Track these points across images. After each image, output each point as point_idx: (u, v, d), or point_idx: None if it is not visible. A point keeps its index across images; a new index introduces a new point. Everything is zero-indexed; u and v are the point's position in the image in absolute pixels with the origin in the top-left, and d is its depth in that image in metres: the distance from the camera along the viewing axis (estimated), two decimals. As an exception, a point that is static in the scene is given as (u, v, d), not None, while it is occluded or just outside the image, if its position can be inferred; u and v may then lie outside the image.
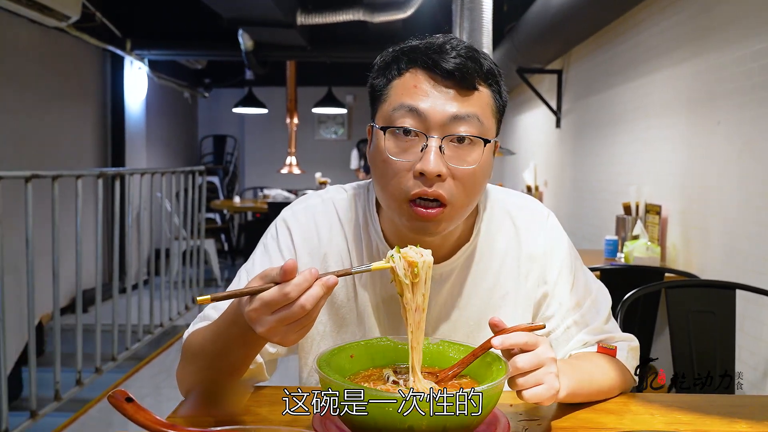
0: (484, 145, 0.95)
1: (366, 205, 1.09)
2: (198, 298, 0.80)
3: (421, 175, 0.93)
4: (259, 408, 0.98)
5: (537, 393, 0.85)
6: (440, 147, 0.92)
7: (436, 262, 1.05)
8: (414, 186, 0.93)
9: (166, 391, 3.83)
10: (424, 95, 0.94)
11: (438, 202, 0.94)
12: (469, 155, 0.94)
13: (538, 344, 0.87)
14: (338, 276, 0.81)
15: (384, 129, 0.95)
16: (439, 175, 0.92)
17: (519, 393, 0.86)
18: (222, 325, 0.91)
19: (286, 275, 0.77)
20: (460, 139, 0.94)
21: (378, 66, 1.01)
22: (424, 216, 0.94)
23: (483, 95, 0.96)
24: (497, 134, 1.00)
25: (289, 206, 1.12)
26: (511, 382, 0.86)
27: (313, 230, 1.08)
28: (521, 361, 0.86)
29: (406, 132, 0.94)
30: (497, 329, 0.89)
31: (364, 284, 1.07)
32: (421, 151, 0.92)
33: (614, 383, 1.05)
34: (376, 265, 0.86)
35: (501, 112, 1.01)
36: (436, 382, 0.90)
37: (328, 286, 0.78)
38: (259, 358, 1.03)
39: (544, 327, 0.92)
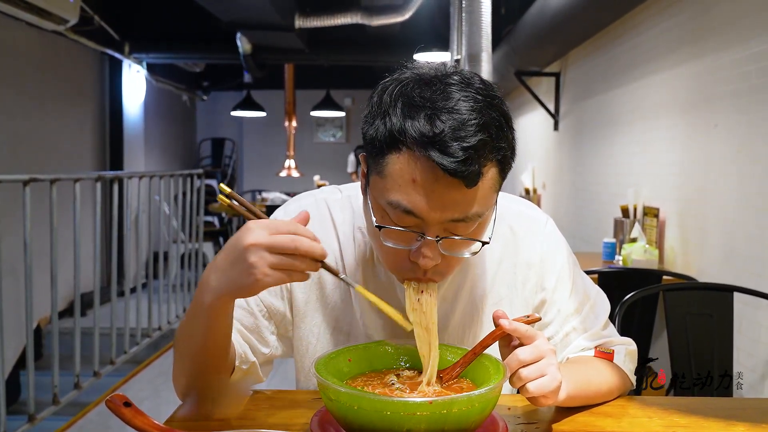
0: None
1: (352, 213, 1.08)
2: (221, 186, 0.85)
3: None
4: (257, 411, 0.98)
5: (541, 384, 0.85)
6: (437, 239, 0.87)
7: None
8: (408, 270, 0.91)
9: (165, 394, 3.83)
10: (422, 195, 0.84)
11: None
12: (466, 248, 0.91)
13: (536, 337, 0.88)
14: (327, 269, 0.83)
15: (379, 227, 0.89)
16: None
17: (523, 388, 0.86)
18: (191, 305, 0.91)
19: (299, 219, 0.83)
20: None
21: (373, 113, 0.88)
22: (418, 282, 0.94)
23: (488, 177, 0.86)
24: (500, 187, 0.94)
25: (282, 206, 1.11)
26: (514, 376, 0.86)
27: None
28: (523, 353, 0.86)
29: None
30: (500, 320, 0.89)
31: (349, 278, 1.06)
32: (417, 240, 0.88)
33: (612, 386, 1.05)
34: (360, 288, 0.87)
35: (508, 171, 0.91)
36: (440, 382, 0.90)
37: (321, 253, 0.80)
38: (251, 357, 1.02)
39: (540, 319, 0.91)
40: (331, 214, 1.08)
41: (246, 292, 0.81)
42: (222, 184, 0.84)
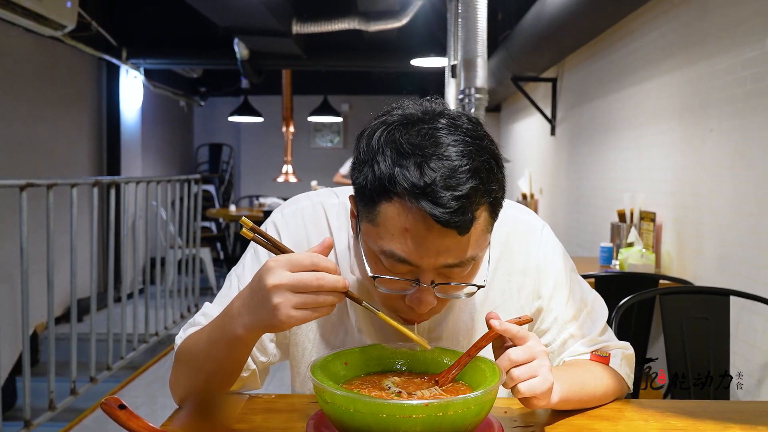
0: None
1: (348, 222, 1.08)
2: (244, 220, 0.84)
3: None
4: (254, 416, 0.98)
5: (533, 385, 0.85)
6: (433, 285, 0.87)
7: None
8: (404, 311, 0.92)
9: (162, 400, 3.82)
10: (415, 244, 0.83)
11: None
12: (460, 290, 0.92)
13: (528, 338, 0.88)
14: (351, 298, 0.85)
15: (374, 277, 0.89)
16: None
17: (514, 388, 0.86)
18: (214, 328, 0.92)
19: (322, 248, 0.83)
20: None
21: (361, 160, 0.86)
22: (413, 323, 0.95)
23: (480, 221, 0.85)
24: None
25: (278, 209, 1.10)
26: (507, 379, 0.86)
27: (303, 234, 1.06)
28: (514, 353, 0.86)
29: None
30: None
31: (354, 291, 1.06)
32: (412, 287, 0.88)
33: (607, 390, 1.04)
34: (382, 314, 0.88)
35: (499, 211, 0.90)
36: (437, 384, 0.90)
37: (344, 285, 0.81)
38: (252, 365, 1.03)
39: (532, 320, 0.92)
40: (328, 219, 1.07)
41: (276, 329, 0.83)
42: (245, 218, 0.84)
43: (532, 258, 1.08)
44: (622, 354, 1.11)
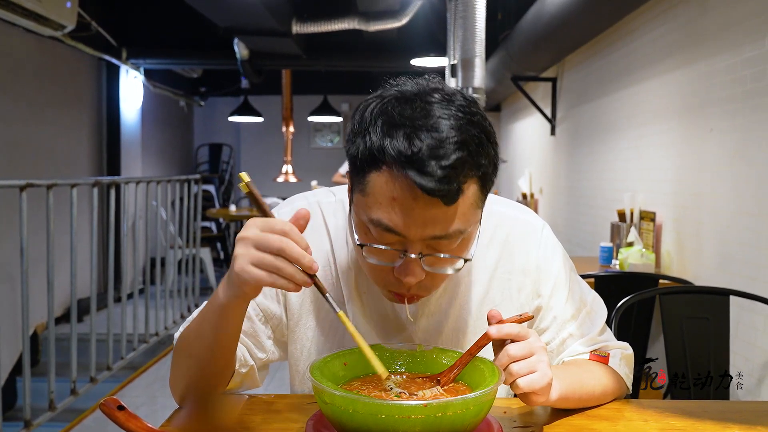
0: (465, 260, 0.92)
1: (348, 213, 1.09)
2: (242, 174, 0.83)
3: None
4: (253, 416, 0.98)
5: (531, 380, 0.85)
6: (420, 256, 0.87)
7: None
8: (393, 284, 0.92)
9: (162, 400, 3.82)
10: (402, 213, 0.84)
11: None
12: (449, 265, 0.91)
13: (528, 335, 0.88)
14: (317, 285, 0.83)
15: (362, 245, 0.90)
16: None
17: (513, 384, 0.86)
18: (205, 306, 0.94)
19: (296, 218, 0.83)
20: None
21: (354, 131, 0.88)
22: (403, 301, 0.95)
23: (468, 195, 0.85)
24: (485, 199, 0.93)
25: (275, 209, 1.10)
26: (504, 372, 0.86)
27: None
28: (513, 348, 0.86)
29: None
30: (494, 321, 0.89)
31: (350, 291, 1.06)
32: (400, 258, 0.88)
33: (606, 389, 1.05)
34: (342, 314, 0.85)
35: (490, 187, 0.91)
36: (439, 384, 0.90)
37: (308, 263, 0.80)
38: (250, 361, 1.04)
39: (533, 317, 0.91)
40: (324, 218, 1.08)
41: (235, 288, 0.82)
42: (243, 173, 0.84)
43: (532, 257, 1.08)
44: (621, 354, 1.11)
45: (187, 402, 1.00)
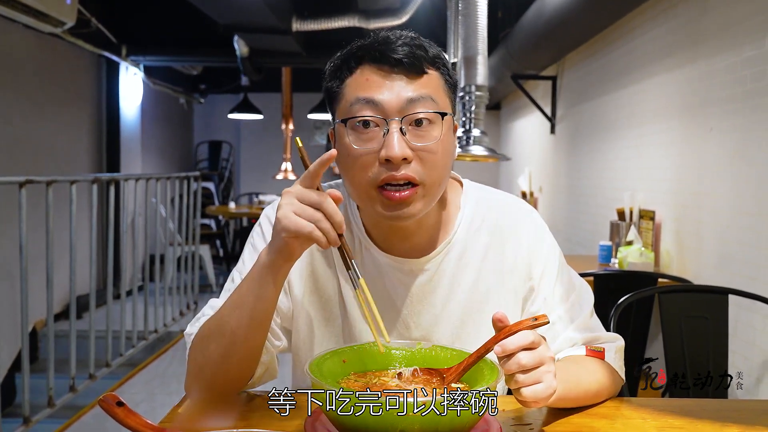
0: (443, 119, 0.98)
1: (347, 201, 1.11)
2: (297, 139, 0.97)
3: (387, 162, 0.95)
4: (252, 412, 0.98)
5: (536, 391, 0.85)
6: (401, 129, 0.95)
7: (417, 255, 1.07)
8: (381, 172, 0.96)
9: (161, 397, 3.82)
10: (377, 86, 0.97)
11: (409, 184, 0.97)
12: (429, 134, 0.97)
13: (540, 343, 0.87)
14: (345, 247, 0.92)
15: (344, 121, 0.98)
16: (405, 159, 0.95)
17: (516, 391, 0.86)
18: (242, 280, 0.97)
19: (333, 195, 0.90)
20: (419, 122, 0.97)
21: (330, 70, 1.04)
22: (397, 199, 0.97)
23: (433, 77, 0.99)
24: (454, 113, 1.04)
25: (271, 204, 1.12)
26: (510, 379, 0.86)
27: None
28: (525, 357, 0.85)
29: (366, 124, 0.97)
30: (501, 325, 0.88)
31: (348, 277, 1.07)
32: (384, 137, 0.95)
33: (601, 387, 1.05)
34: (363, 281, 0.93)
35: (454, 92, 1.05)
36: (443, 380, 0.90)
37: (340, 220, 0.89)
38: (270, 348, 1.05)
39: (549, 322, 0.89)
40: None
41: (278, 240, 0.89)
42: (298, 138, 0.97)
43: (523, 240, 1.11)
44: (615, 347, 1.12)
45: (211, 396, 1.00)
